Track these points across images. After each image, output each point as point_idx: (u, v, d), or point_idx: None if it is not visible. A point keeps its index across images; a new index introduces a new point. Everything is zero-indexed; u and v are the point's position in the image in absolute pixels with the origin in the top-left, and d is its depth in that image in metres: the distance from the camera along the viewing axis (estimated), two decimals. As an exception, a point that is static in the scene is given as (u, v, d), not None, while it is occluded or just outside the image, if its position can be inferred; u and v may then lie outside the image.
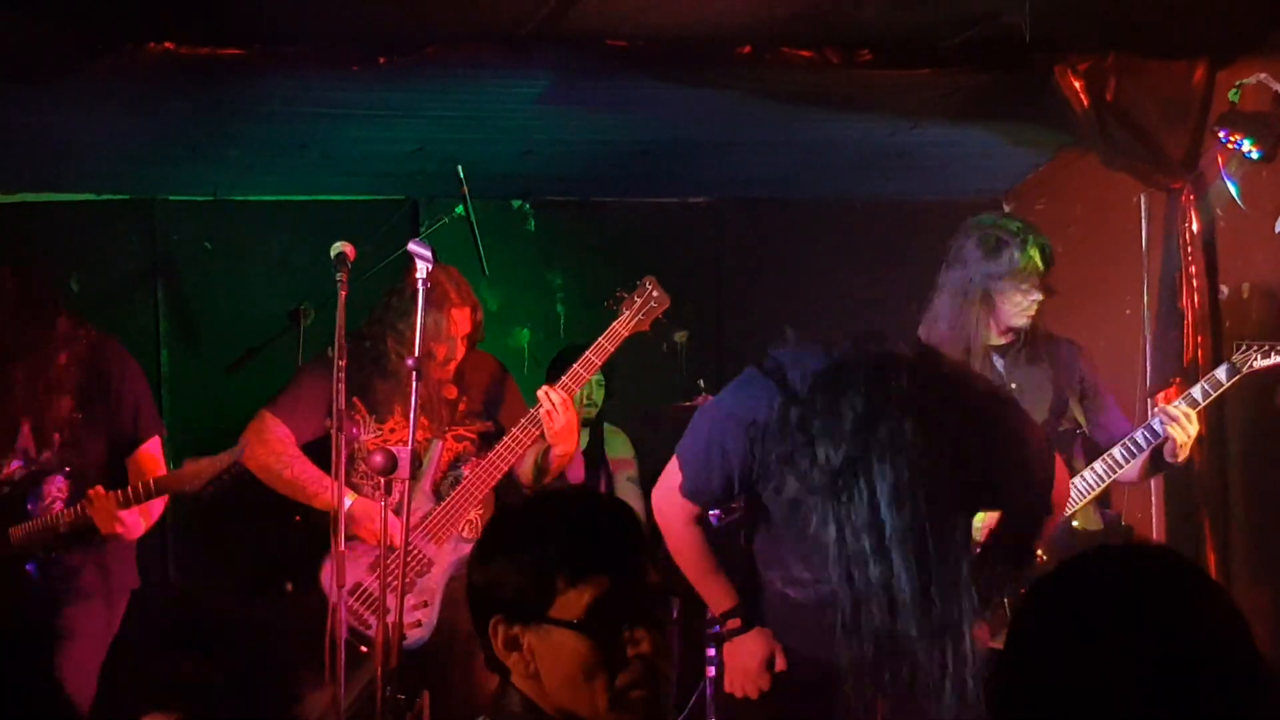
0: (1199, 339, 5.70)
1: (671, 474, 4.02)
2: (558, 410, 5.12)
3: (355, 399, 5.21)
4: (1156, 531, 6.12)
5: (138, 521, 5.07)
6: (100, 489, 4.92)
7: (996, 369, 5.06)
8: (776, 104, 5.94)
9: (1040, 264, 4.98)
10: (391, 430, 5.21)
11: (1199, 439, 5.19)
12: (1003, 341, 5.10)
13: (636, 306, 5.40)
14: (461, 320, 5.17)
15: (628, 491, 7.17)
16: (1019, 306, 4.99)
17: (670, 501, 4.01)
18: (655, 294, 5.44)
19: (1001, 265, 4.96)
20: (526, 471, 5.34)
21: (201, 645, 5.50)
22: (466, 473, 5.18)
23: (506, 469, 5.21)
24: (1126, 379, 6.09)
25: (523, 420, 5.19)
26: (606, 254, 7.67)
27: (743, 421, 3.81)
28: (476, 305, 5.19)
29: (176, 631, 5.45)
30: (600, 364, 5.36)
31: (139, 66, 5.07)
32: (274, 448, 5.19)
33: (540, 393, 5.16)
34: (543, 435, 5.17)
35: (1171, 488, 5.99)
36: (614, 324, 5.38)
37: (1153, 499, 6.12)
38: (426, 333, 4.97)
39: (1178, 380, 5.63)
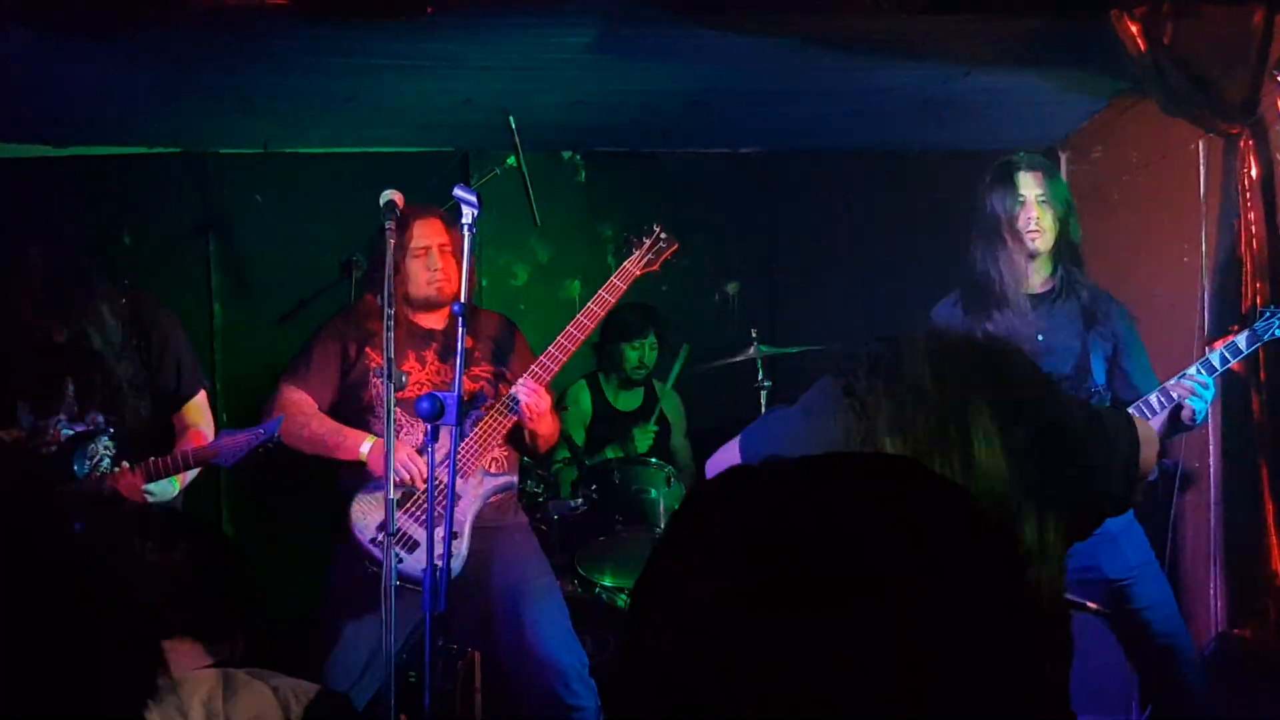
0: (1258, 286, 5.62)
1: (729, 453, 3.98)
2: (533, 398, 5.19)
3: (367, 349, 5.27)
4: (1214, 480, 6.05)
5: (168, 488, 5.09)
6: (125, 465, 4.94)
7: (1028, 318, 5.10)
8: (829, 52, 5.88)
9: (1034, 180, 5.14)
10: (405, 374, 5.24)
11: (1258, 386, 5.14)
12: (1040, 290, 5.16)
13: (646, 247, 5.56)
14: (430, 230, 5.23)
15: (681, 449, 7.17)
16: (1025, 228, 5.11)
17: None
18: (664, 236, 5.59)
19: (1005, 191, 5.15)
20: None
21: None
22: (485, 412, 5.21)
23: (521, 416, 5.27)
24: (1184, 327, 6.02)
25: (533, 365, 5.28)
26: (658, 205, 7.63)
27: (819, 441, 3.78)
28: (444, 214, 5.21)
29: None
30: (614, 301, 5.44)
31: (186, 20, 5.07)
32: (290, 410, 5.20)
33: (522, 382, 5.22)
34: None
35: (1230, 435, 5.93)
36: (625, 263, 5.54)
37: (1210, 448, 6.05)
38: (404, 262, 5.16)
39: (1235, 328, 5.56)
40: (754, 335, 6.52)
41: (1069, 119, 7.06)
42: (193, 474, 5.19)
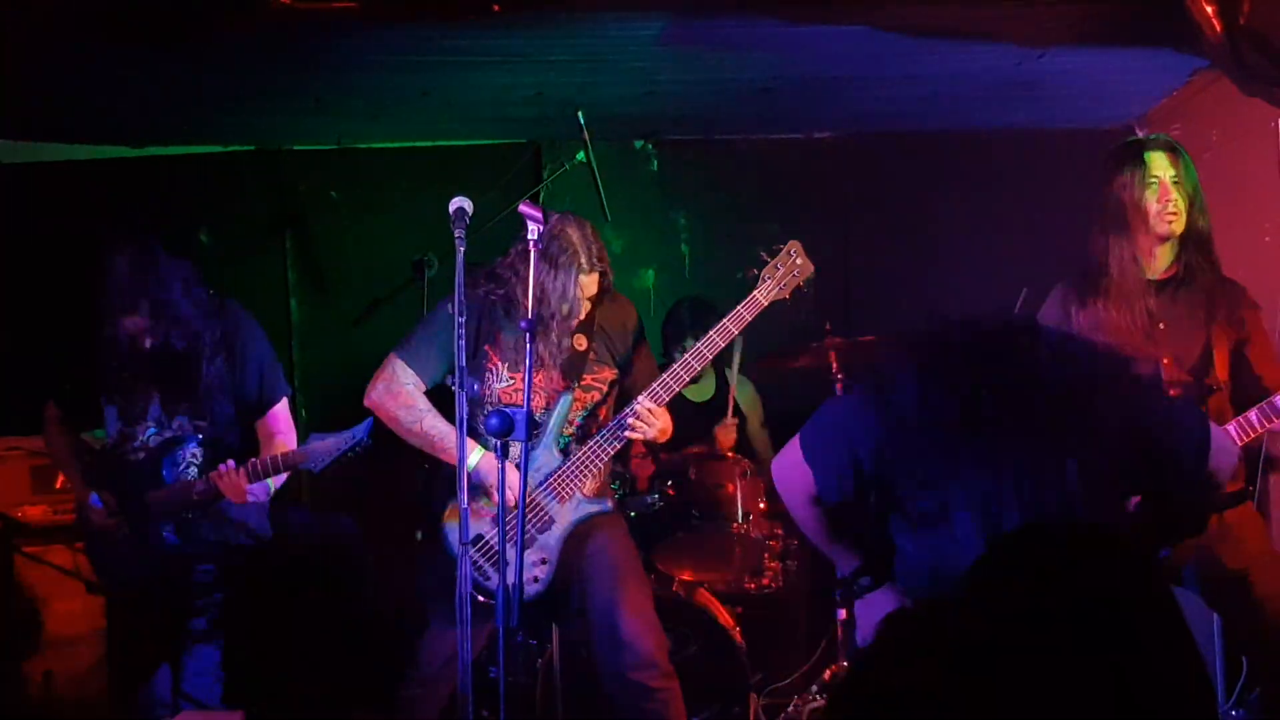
0: (1340, 266, 5.54)
1: (792, 452, 3.98)
2: (652, 424, 5.05)
3: (486, 347, 5.09)
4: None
5: (266, 489, 5.17)
6: (231, 464, 5.01)
7: (1149, 307, 4.90)
8: (901, 38, 5.82)
9: (1166, 161, 4.93)
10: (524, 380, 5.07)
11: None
12: (1162, 276, 4.95)
13: (779, 275, 5.16)
14: (589, 284, 5.01)
15: (759, 438, 7.13)
16: (1161, 210, 4.88)
17: (791, 480, 3.98)
18: (799, 261, 5.19)
19: (1135, 172, 4.92)
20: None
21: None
22: (593, 432, 5.13)
23: (630, 439, 5.13)
24: (1265, 307, 5.92)
25: (654, 385, 5.08)
26: (730, 192, 7.63)
27: (863, 426, 3.78)
28: (607, 269, 5.07)
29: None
30: (738, 332, 5.09)
31: (257, 24, 5.11)
32: (404, 400, 5.06)
33: (640, 408, 5.04)
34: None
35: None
36: (754, 293, 5.12)
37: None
38: (553, 293, 4.92)
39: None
40: (828, 327, 6.37)
41: (1147, 97, 6.96)
42: (282, 478, 5.26)
